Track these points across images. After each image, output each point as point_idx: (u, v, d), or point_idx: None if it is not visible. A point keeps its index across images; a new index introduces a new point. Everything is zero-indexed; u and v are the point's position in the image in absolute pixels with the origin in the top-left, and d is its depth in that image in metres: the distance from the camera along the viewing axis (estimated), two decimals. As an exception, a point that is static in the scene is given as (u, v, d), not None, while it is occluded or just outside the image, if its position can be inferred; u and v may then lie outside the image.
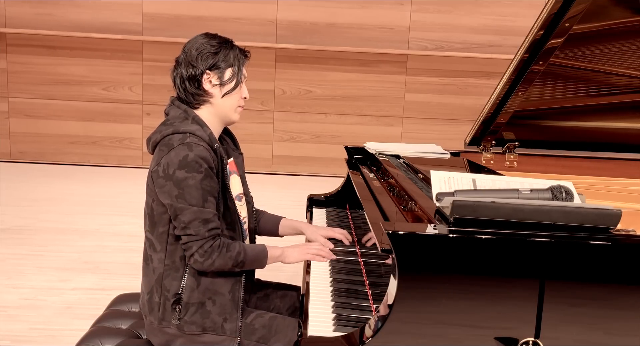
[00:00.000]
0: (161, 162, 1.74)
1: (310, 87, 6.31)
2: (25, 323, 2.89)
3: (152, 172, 1.77)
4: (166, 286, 1.80)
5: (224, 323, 1.80)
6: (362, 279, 1.79)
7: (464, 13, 6.17)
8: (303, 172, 6.45)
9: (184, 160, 1.71)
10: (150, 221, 1.81)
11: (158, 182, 1.75)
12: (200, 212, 1.73)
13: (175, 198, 1.72)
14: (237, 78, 1.85)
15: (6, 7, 6.12)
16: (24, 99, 6.28)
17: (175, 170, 1.72)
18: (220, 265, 1.76)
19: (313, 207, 2.66)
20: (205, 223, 1.73)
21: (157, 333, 1.83)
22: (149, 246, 1.84)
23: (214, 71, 1.82)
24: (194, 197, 1.72)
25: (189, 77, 1.82)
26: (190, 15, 6.10)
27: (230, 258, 1.76)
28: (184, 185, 1.71)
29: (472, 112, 5.88)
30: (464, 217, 1.29)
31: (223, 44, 1.85)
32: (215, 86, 1.83)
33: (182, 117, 1.82)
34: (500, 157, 2.66)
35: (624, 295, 1.28)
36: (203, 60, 1.81)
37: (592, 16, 2.04)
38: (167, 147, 1.75)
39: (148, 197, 1.82)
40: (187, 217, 1.72)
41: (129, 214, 4.72)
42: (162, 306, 1.81)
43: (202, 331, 1.79)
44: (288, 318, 1.88)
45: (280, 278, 2.27)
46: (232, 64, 1.84)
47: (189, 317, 1.79)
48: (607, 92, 2.41)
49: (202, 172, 1.72)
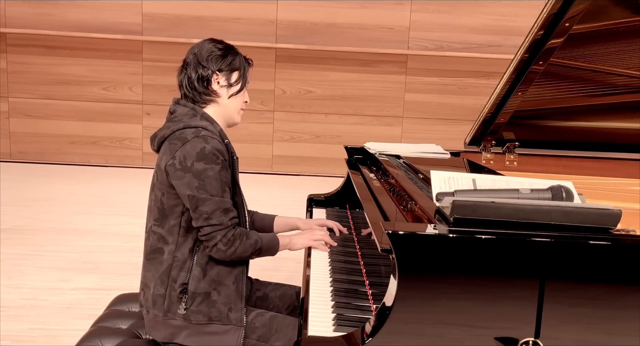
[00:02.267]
0: (176, 155, 1.78)
1: (310, 87, 6.32)
2: (25, 323, 2.89)
3: (168, 165, 1.80)
4: (173, 277, 1.83)
5: (229, 312, 1.83)
6: (362, 279, 1.79)
7: (464, 13, 6.17)
8: (303, 172, 6.45)
9: (202, 152, 1.76)
10: (161, 215, 1.84)
11: (176, 175, 1.78)
12: (221, 202, 1.78)
13: (197, 189, 1.76)
14: (243, 81, 1.94)
15: (6, 7, 6.13)
16: (24, 99, 6.28)
17: (194, 162, 1.76)
18: (241, 253, 1.81)
19: (313, 207, 2.66)
20: (226, 213, 1.79)
21: (161, 327, 1.84)
22: (158, 239, 1.85)
23: (222, 73, 1.90)
24: (214, 187, 1.77)
25: (199, 77, 1.89)
26: (190, 15, 6.10)
27: (250, 246, 1.83)
28: (204, 177, 1.76)
29: (472, 112, 5.88)
30: (464, 217, 1.29)
31: (230, 49, 1.94)
32: (223, 87, 1.91)
33: (191, 114, 1.88)
34: (500, 157, 2.66)
35: (624, 295, 1.28)
36: (213, 62, 1.89)
37: (592, 16, 2.04)
38: (181, 141, 1.79)
39: (157, 192, 1.85)
40: (210, 207, 1.76)
41: (129, 214, 4.72)
42: (167, 297, 1.83)
43: (208, 320, 1.82)
44: (288, 317, 1.90)
45: (280, 278, 2.27)
46: (239, 67, 1.93)
47: (196, 307, 1.81)
48: (607, 92, 2.41)
49: (219, 163, 1.78)
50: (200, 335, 1.82)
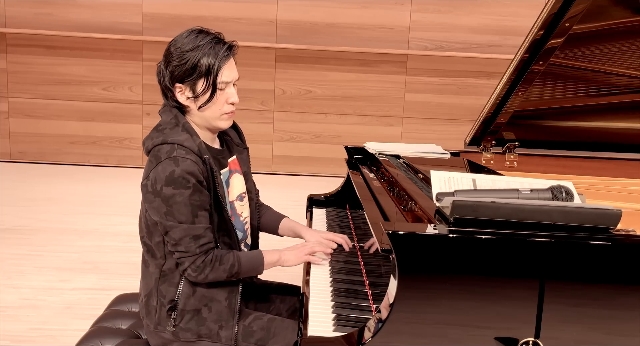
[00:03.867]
0: (150, 175, 1.71)
1: (310, 87, 6.31)
2: (25, 323, 2.89)
3: (142, 185, 1.74)
4: (162, 292, 1.79)
5: (220, 330, 1.79)
6: (362, 279, 1.79)
7: (464, 13, 6.17)
8: (303, 172, 6.44)
9: (171, 176, 1.66)
10: (147, 230, 1.80)
11: (147, 197, 1.72)
12: (190, 228, 1.69)
13: (165, 215, 1.69)
14: (213, 88, 1.72)
15: (6, 7, 6.12)
16: (24, 99, 6.28)
17: (163, 187, 1.67)
18: (215, 278, 1.75)
19: (313, 207, 2.66)
20: (196, 240, 1.70)
21: (154, 336, 1.83)
22: (147, 251, 1.83)
23: (185, 83, 1.72)
24: (183, 213, 1.68)
25: (165, 88, 1.76)
26: (190, 15, 6.10)
27: (224, 271, 1.75)
28: (172, 202, 1.67)
29: (472, 112, 5.88)
30: (464, 217, 1.29)
31: (196, 49, 1.71)
32: (189, 99, 1.74)
33: (173, 123, 1.76)
34: (500, 157, 2.66)
35: (624, 295, 1.28)
36: (174, 73, 1.71)
37: (592, 16, 2.03)
38: (156, 160, 1.70)
39: (143, 205, 1.79)
40: (177, 234, 1.69)
41: (128, 214, 4.71)
42: (158, 311, 1.80)
43: (197, 338, 1.78)
44: (287, 320, 1.87)
45: (281, 278, 2.26)
46: (206, 72, 1.70)
47: (184, 324, 1.78)
48: (607, 92, 2.40)
49: (190, 187, 1.67)
50: None
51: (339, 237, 2.02)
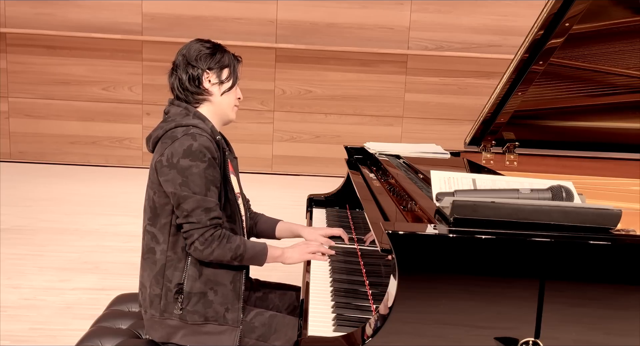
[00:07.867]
0: (165, 152, 1.79)
1: (310, 87, 6.31)
2: (25, 323, 2.89)
3: (156, 162, 1.81)
4: (168, 277, 1.82)
5: (226, 313, 1.82)
6: (362, 279, 1.79)
7: (464, 13, 6.17)
8: (303, 172, 6.45)
9: (189, 149, 1.76)
10: (153, 213, 1.84)
11: (162, 171, 1.78)
12: (203, 200, 1.76)
13: (179, 186, 1.76)
14: (234, 77, 1.94)
15: (6, 7, 6.12)
16: (24, 99, 6.28)
17: (180, 159, 1.76)
18: (219, 255, 1.78)
19: (313, 207, 2.66)
20: (207, 212, 1.77)
21: (158, 327, 1.84)
22: (151, 238, 1.85)
23: (212, 71, 1.90)
24: (197, 185, 1.76)
25: (190, 78, 1.89)
26: (190, 15, 6.10)
27: (230, 250, 1.79)
28: (188, 174, 1.76)
29: (472, 112, 5.88)
30: (464, 217, 1.29)
31: (217, 47, 1.94)
32: (215, 84, 1.91)
33: (184, 113, 1.88)
34: (500, 157, 2.66)
35: (624, 295, 1.27)
36: (202, 60, 1.90)
37: (592, 16, 2.03)
38: (171, 139, 1.80)
39: (149, 190, 1.85)
40: (190, 205, 1.76)
41: (129, 214, 4.72)
42: (163, 297, 1.82)
43: (204, 321, 1.81)
44: (288, 317, 1.90)
45: (280, 278, 2.27)
46: (228, 64, 1.93)
47: (192, 307, 1.81)
48: (607, 92, 2.40)
49: (205, 161, 1.77)
50: (197, 335, 1.81)
51: (336, 230, 2.14)
